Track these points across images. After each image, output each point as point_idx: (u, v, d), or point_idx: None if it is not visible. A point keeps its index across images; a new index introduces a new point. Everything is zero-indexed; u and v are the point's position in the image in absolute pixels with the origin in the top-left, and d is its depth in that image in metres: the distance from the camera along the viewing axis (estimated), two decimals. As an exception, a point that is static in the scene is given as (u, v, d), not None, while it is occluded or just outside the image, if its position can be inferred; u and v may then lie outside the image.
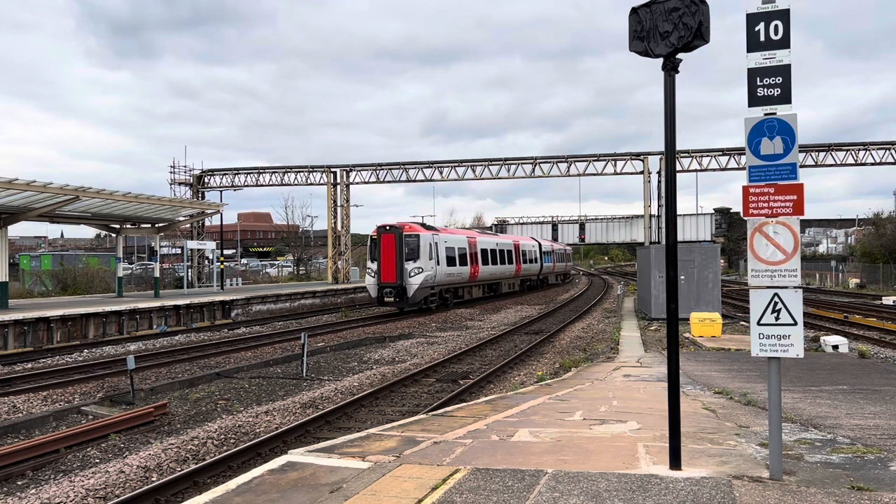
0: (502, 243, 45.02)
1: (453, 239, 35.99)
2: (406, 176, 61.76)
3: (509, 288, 46.79)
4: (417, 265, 31.41)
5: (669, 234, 6.26)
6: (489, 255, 40.87)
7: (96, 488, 8.10)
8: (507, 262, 44.75)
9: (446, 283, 34.52)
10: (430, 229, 33.78)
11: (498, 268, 42.84)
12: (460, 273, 36.02)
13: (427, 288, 32.05)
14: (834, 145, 55.61)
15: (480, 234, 42.97)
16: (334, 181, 63.47)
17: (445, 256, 33.76)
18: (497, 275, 43.12)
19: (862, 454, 7.05)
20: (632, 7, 6.29)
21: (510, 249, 45.95)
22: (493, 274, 41.94)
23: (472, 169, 61.07)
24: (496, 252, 42.52)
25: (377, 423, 11.39)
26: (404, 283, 31.13)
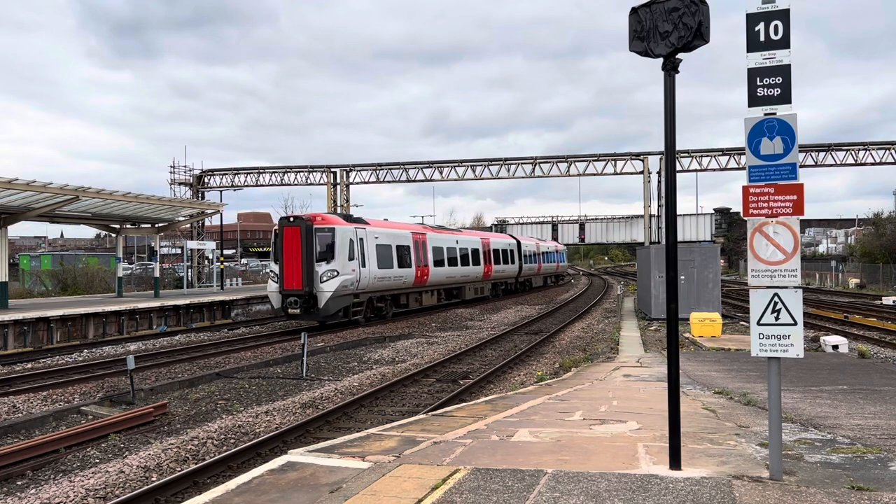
0: (466, 241, 38.52)
1: (389, 234, 29.44)
2: (406, 176, 61.78)
3: (477, 293, 40.37)
4: (332, 267, 24.88)
5: (669, 234, 6.26)
6: (445, 255, 34.49)
7: (96, 488, 8.10)
8: (473, 262, 38.41)
9: (379, 289, 28.05)
10: (354, 221, 27.18)
11: (458, 269, 36.23)
12: (401, 276, 29.57)
13: (347, 296, 25.48)
14: (834, 145, 55.63)
15: (433, 229, 35.50)
16: (334, 181, 63.50)
17: (377, 256, 27.40)
18: (457, 278, 36.39)
19: (862, 454, 7.04)
20: (632, 7, 6.29)
21: (476, 248, 39.46)
22: (451, 277, 35.35)
23: (472, 169, 61.08)
24: (455, 251, 36.11)
25: (377, 423, 11.39)
26: (314, 291, 24.61)
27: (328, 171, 64.48)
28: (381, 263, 27.75)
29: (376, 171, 62.43)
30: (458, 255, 36.37)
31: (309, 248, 24.88)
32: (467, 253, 37.83)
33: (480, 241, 40.67)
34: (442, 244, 34.68)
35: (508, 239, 47.68)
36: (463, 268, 37.01)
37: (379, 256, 27.69)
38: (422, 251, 31.91)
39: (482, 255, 40.24)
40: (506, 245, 45.82)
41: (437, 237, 34.57)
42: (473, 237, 40.41)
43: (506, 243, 45.92)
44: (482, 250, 40.45)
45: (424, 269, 31.80)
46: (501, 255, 44.02)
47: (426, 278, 32.21)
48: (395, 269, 29.03)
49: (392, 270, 28.79)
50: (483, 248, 40.72)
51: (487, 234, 44.76)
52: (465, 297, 38.30)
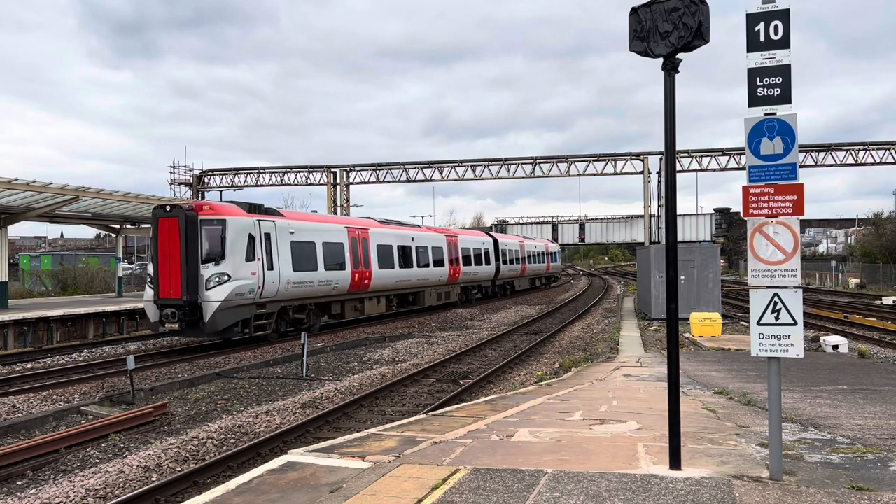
0: (425, 238, 32.99)
1: (311, 229, 23.72)
2: (406, 176, 61.87)
3: (441, 298, 34.64)
4: (221, 270, 19.41)
5: (669, 234, 6.27)
6: (395, 255, 29.51)
7: (96, 488, 8.10)
8: (435, 264, 33.32)
9: (297, 296, 22.65)
10: (258, 211, 21.67)
11: (414, 272, 31.18)
12: (329, 281, 24.24)
13: (245, 306, 20.10)
14: (834, 145, 55.67)
15: (380, 224, 30.08)
16: (334, 181, 63.52)
17: (292, 256, 22.15)
18: (413, 282, 31.27)
19: (862, 454, 7.05)
20: (632, 7, 6.29)
21: (439, 247, 34.19)
22: (404, 280, 30.27)
23: (472, 169, 61.15)
24: (411, 251, 31.04)
25: (377, 423, 11.40)
26: (198, 300, 19.12)
27: (328, 171, 64.50)
28: (298, 265, 22.44)
29: (376, 171, 62.50)
30: (413, 255, 31.27)
31: (192, 245, 19.35)
32: (427, 253, 32.71)
33: (445, 239, 35.32)
34: (391, 242, 29.38)
35: (482, 237, 42.68)
36: (421, 269, 31.87)
37: (296, 256, 22.36)
38: (361, 250, 26.58)
39: (447, 255, 34.95)
40: (478, 244, 40.52)
41: (385, 233, 29.24)
42: (435, 234, 34.88)
43: (478, 241, 40.76)
44: (447, 250, 35.13)
45: (365, 272, 26.56)
46: (473, 256, 38.87)
47: (367, 282, 26.89)
48: (320, 272, 23.69)
49: (315, 273, 23.43)
50: (448, 247, 35.43)
51: (455, 232, 39.45)
52: (423, 303, 32.63)
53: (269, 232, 21.38)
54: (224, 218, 19.88)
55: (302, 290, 22.74)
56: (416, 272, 31.40)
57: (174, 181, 62.11)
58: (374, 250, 27.65)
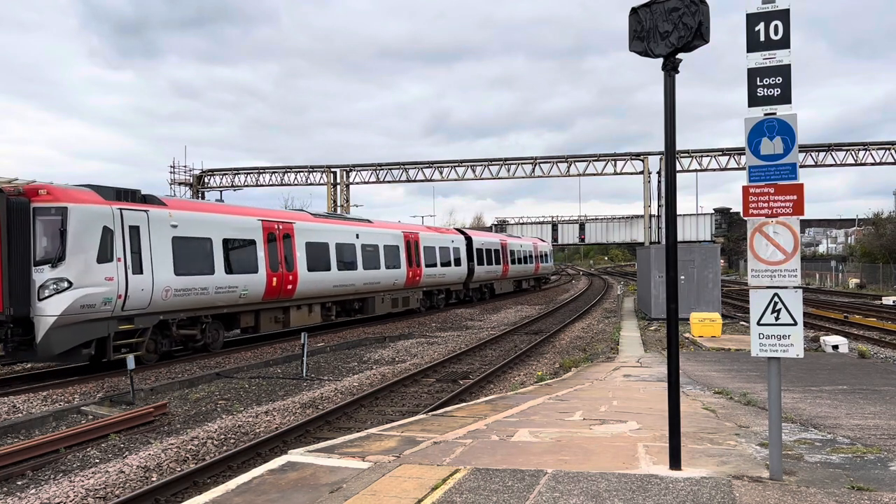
0: (373, 235, 28.21)
1: (204, 221, 18.92)
2: (406, 176, 61.92)
3: (396, 305, 30.13)
4: (60, 274, 14.93)
5: (669, 234, 6.27)
6: (332, 255, 24.70)
7: (96, 488, 8.10)
8: (388, 264, 28.76)
9: (183, 307, 17.91)
10: (125, 198, 16.88)
11: (359, 274, 26.44)
12: (235, 287, 19.53)
13: (96, 321, 15.59)
14: (834, 145, 55.71)
15: (314, 217, 25.31)
16: (334, 181, 63.55)
17: (173, 255, 17.44)
18: (358, 286, 26.48)
19: (862, 454, 7.05)
20: (632, 7, 6.29)
21: (394, 246, 29.59)
22: (344, 285, 25.42)
23: (472, 169, 61.20)
24: (354, 250, 26.41)
25: (377, 423, 11.40)
26: (30, 314, 14.79)
27: (328, 171, 64.51)
28: (183, 267, 17.68)
29: (376, 171, 62.54)
30: (358, 254, 26.53)
31: (20, 241, 14.84)
32: (377, 252, 28.10)
33: (402, 237, 30.62)
34: (326, 239, 24.53)
35: (451, 234, 37.76)
36: (369, 272, 27.23)
37: (180, 256, 17.61)
38: (282, 249, 21.77)
39: (404, 254, 30.39)
40: (445, 242, 35.36)
41: (316, 228, 24.23)
42: (387, 230, 30.05)
43: (445, 240, 35.61)
44: (404, 249, 30.55)
45: (288, 276, 21.82)
46: (439, 256, 34.05)
47: (291, 287, 22.10)
48: (218, 276, 18.85)
49: (211, 278, 18.58)
50: (407, 245, 30.81)
51: (416, 228, 34.28)
52: (372, 311, 28.10)
53: (138, 225, 16.66)
54: (65, 206, 15.15)
55: (190, 298, 17.94)
56: (361, 275, 26.65)
57: (174, 181, 62.16)
58: (302, 249, 22.86)
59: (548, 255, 58.56)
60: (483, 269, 40.42)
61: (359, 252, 26.69)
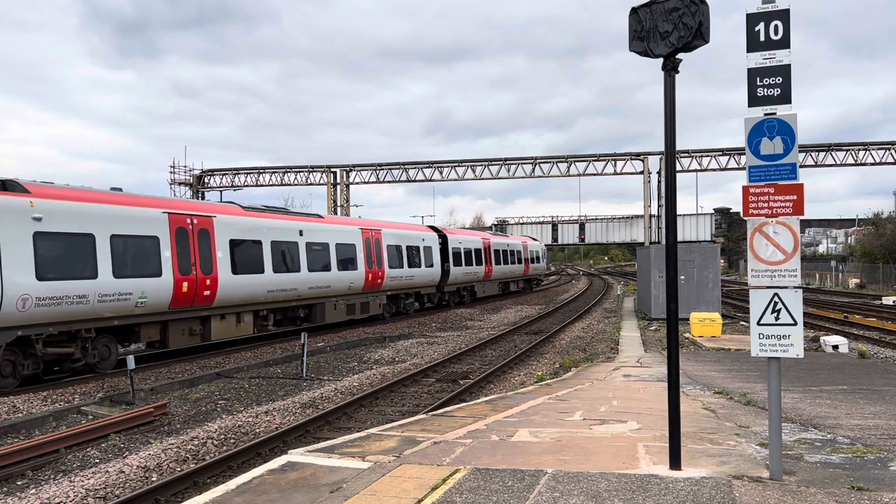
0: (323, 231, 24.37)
1: (82, 214, 15.50)
2: (406, 176, 61.95)
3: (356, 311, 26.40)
4: None
5: (669, 234, 6.27)
6: (263, 254, 20.79)
7: (96, 488, 8.10)
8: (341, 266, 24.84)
9: (54, 319, 14.71)
10: None
11: (299, 277, 22.38)
12: (129, 294, 16.17)
13: None
14: (834, 145, 55.74)
15: (244, 211, 21.14)
16: (334, 181, 63.58)
17: (35, 255, 14.22)
18: (300, 291, 22.50)
19: (862, 454, 7.05)
20: (632, 7, 6.30)
21: (349, 244, 25.66)
22: (281, 289, 21.50)
23: (472, 169, 61.22)
24: (297, 248, 22.55)
25: (377, 423, 11.40)
26: None
27: (328, 171, 64.54)
28: (51, 270, 14.49)
29: (376, 171, 62.57)
30: (302, 254, 22.70)
31: None
32: (326, 252, 24.13)
33: (360, 234, 26.65)
34: (258, 237, 20.63)
35: (422, 231, 33.60)
36: (316, 274, 23.30)
37: (46, 257, 14.42)
38: (196, 247, 18.09)
39: (363, 254, 26.55)
40: (414, 240, 31.47)
41: (244, 223, 20.31)
42: (341, 226, 26.12)
43: (415, 237, 31.66)
44: (363, 248, 26.66)
45: (205, 279, 18.21)
46: (406, 255, 30.31)
47: (210, 294, 18.48)
48: (102, 281, 15.51)
49: (92, 283, 15.29)
50: (366, 244, 26.94)
51: (378, 224, 29.61)
52: (322, 318, 24.26)
53: None
54: None
55: (62, 309, 14.65)
56: (306, 278, 22.76)
57: (174, 181, 62.19)
58: (225, 248, 19.22)
59: (539, 254, 55.38)
60: (461, 271, 36.93)
61: (302, 252, 22.83)
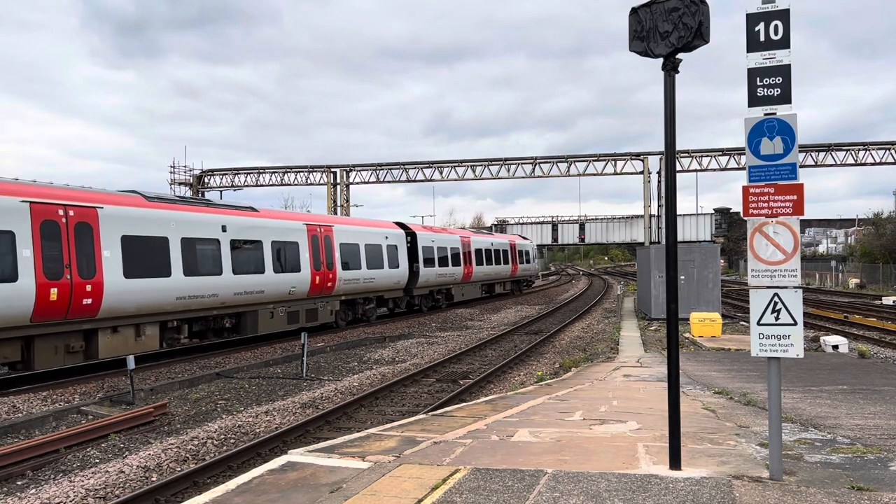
0: (252, 227, 20.67)
1: None
2: (406, 176, 61.93)
3: (300, 319, 22.93)
4: None
5: (669, 234, 6.27)
6: (170, 253, 17.44)
7: (96, 488, 8.10)
8: (276, 267, 21.31)
9: None
10: None
11: (222, 281, 19.00)
12: None
13: None
14: (834, 145, 55.74)
15: (143, 202, 17.38)
16: (334, 181, 63.57)
17: None
18: (224, 297, 19.12)
19: (862, 454, 7.05)
20: (632, 7, 6.30)
21: (287, 242, 22.14)
22: (197, 296, 18.14)
23: (472, 169, 61.20)
24: (211, 247, 18.96)
25: (377, 423, 11.40)
26: None
27: (328, 171, 64.54)
28: None
29: (376, 171, 62.56)
30: (224, 254, 19.22)
31: None
32: (258, 251, 20.65)
33: (304, 231, 22.96)
34: (162, 232, 17.22)
35: (386, 228, 29.73)
36: (245, 277, 19.90)
37: None
38: (72, 246, 15.06)
39: (308, 253, 22.92)
40: (375, 237, 27.92)
41: (143, 217, 16.82)
42: (279, 221, 22.08)
43: (376, 235, 28.10)
44: (309, 246, 23.09)
45: (84, 285, 15.09)
46: (365, 255, 26.66)
47: (92, 302, 15.30)
48: None
49: None
50: (312, 242, 23.34)
51: (329, 220, 25.92)
52: (254, 329, 20.75)
53: None
54: None
55: None
56: (230, 282, 19.29)
57: (174, 181, 62.18)
58: (114, 246, 15.81)
59: (530, 254, 51.56)
60: (433, 272, 33.06)
61: (225, 250, 19.33)
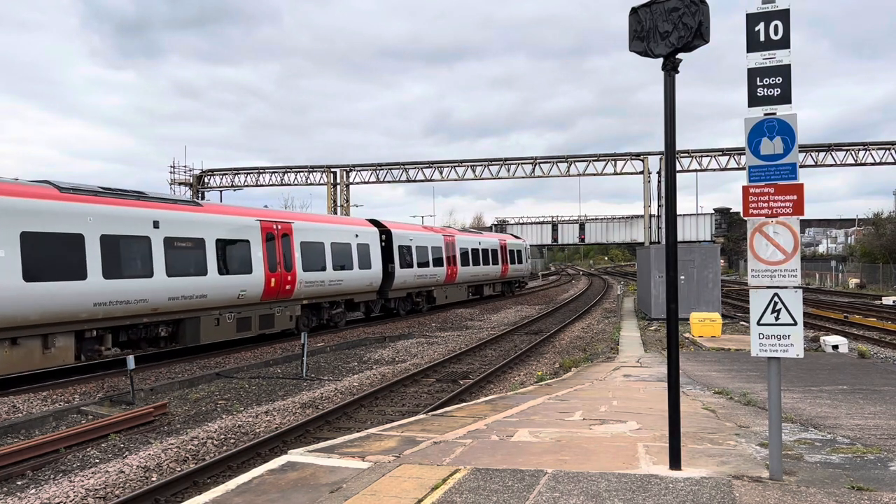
0: (189, 222, 18.26)
1: None
2: (406, 176, 61.93)
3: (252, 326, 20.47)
4: None
5: (669, 234, 6.27)
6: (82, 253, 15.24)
7: (96, 488, 8.10)
8: (218, 268, 18.82)
9: None
10: None
11: (150, 284, 16.71)
12: None
13: None
14: (834, 145, 55.75)
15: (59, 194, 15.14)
16: (334, 181, 63.58)
17: None
18: (158, 302, 16.93)
19: (862, 454, 7.05)
20: (632, 7, 6.30)
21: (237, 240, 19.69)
22: (115, 299, 15.81)
23: (471, 169, 61.20)
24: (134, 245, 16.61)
25: (377, 423, 11.40)
26: None
27: (328, 171, 64.56)
28: None
29: (376, 171, 62.56)
30: (156, 253, 17.05)
31: None
32: (199, 249, 18.26)
33: (257, 228, 20.37)
34: (76, 228, 15.22)
35: (358, 226, 27.10)
36: (182, 280, 17.50)
37: None
38: None
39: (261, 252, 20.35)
40: (345, 236, 25.21)
41: (51, 210, 14.75)
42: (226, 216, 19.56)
43: (345, 233, 25.32)
44: (262, 244, 20.40)
45: None
46: (332, 255, 23.91)
47: None
48: None
49: None
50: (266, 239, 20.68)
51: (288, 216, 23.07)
52: (196, 338, 18.45)
53: None
54: None
55: None
56: (164, 284, 17.05)
57: (174, 181, 62.19)
58: (11, 244, 13.76)
59: (522, 254, 48.81)
60: (411, 273, 30.71)
61: (157, 249, 17.01)
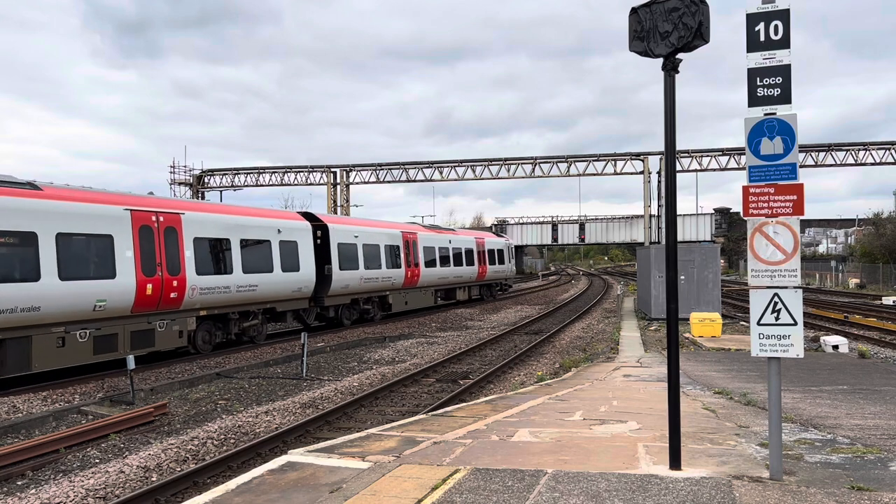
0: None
1: None
2: (406, 176, 61.95)
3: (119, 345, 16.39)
4: None
5: (669, 234, 6.27)
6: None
7: (96, 488, 8.10)
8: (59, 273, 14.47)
9: None
10: None
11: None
12: None
13: None
14: (834, 145, 55.78)
15: None
16: (334, 181, 63.59)
17: None
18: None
19: (862, 454, 7.05)
20: (632, 7, 6.29)
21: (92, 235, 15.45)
22: None
23: (472, 169, 61.22)
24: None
25: (377, 423, 11.40)
26: None
27: (328, 171, 64.57)
28: None
29: (376, 171, 62.58)
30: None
31: None
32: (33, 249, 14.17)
33: (126, 219, 16.41)
34: None
35: (281, 220, 22.45)
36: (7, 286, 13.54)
37: None
38: None
39: (132, 252, 16.32)
40: (261, 231, 20.97)
41: None
42: (78, 204, 15.40)
43: (261, 228, 21.01)
44: (133, 242, 16.39)
45: None
46: (241, 255, 19.91)
47: None
48: None
49: None
50: (139, 235, 16.63)
51: (178, 205, 18.99)
52: (27, 364, 14.30)
53: None
54: None
55: None
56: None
57: (174, 181, 62.20)
58: None
59: (504, 253, 43.33)
60: (355, 275, 25.97)
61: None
